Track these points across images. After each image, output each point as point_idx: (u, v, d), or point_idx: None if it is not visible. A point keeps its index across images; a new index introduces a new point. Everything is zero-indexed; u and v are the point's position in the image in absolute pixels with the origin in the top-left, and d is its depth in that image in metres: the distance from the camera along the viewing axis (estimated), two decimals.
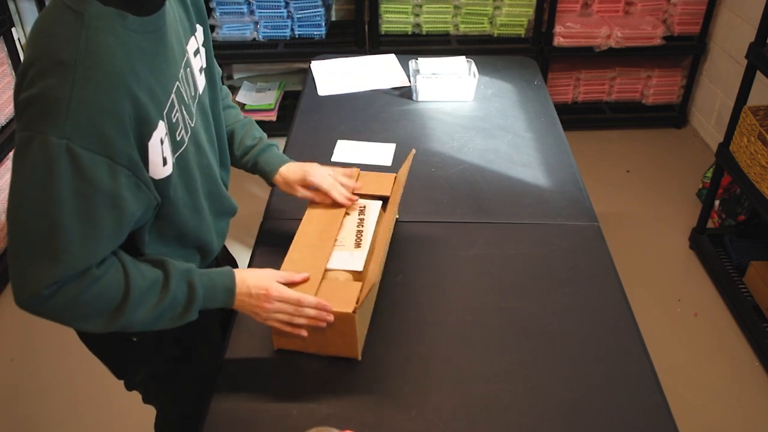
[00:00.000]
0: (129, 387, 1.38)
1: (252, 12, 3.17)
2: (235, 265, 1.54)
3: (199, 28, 1.17)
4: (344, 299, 1.12)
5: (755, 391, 2.14)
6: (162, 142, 0.98)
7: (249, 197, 2.59)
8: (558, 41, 3.20)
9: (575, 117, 3.48)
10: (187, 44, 1.11)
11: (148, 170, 0.97)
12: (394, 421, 1.08)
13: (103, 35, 0.88)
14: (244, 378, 1.16)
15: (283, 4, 3.15)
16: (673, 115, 3.54)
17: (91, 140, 0.86)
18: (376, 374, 1.16)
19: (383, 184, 1.40)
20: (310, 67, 2.23)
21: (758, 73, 2.29)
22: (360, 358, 1.18)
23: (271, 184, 1.39)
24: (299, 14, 3.20)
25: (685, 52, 3.41)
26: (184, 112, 1.06)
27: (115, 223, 0.94)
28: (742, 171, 2.33)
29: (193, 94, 1.11)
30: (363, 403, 1.11)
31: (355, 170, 1.42)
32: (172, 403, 1.43)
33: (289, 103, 3.52)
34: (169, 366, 1.32)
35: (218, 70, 1.36)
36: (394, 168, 1.69)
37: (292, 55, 3.25)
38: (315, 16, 3.21)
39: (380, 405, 1.11)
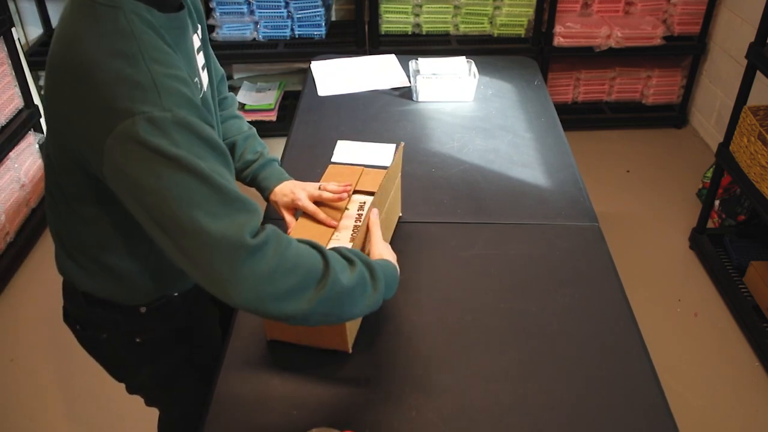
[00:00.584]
0: (131, 390, 1.38)
1: (252, 12, 3.17)
2: None
3: (199, 27, 1.18)
4: None
5: (755, 391, 2.14)
6: None
7: (249, 197, 2.57)
8: (558, 41, 3.21)
9: (575, 117, 3.48)
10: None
11: None
12: (394, 421, 1.08)
13: (142, 25, 0.90)
14: (244, 379, 1.15)
15: (283, 4, 3.15)
16: (673, 115, 3.54)
17: (187, 107, 0.87)
18: (375, 374, 1.16)
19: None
20: (310, 67, 2.23)
21: (758, 73, 2.29)
22: (350, 351, 1.18)
23: (267, 201, 1.40)
24: (299, 14, 3.20)
25: (685, 52, 3.41)
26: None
27: (234, 182, 0.93)
28: (742, 171, 2.33)
29: (199, 89, 1.12)
30: (363, 404, 1.11)
31: (349, 184, 1.39)
32: (174, 404, 1.43)
33: (289, 103, 3.52)
34: (171, 367, 1.33)
35: (221, 71, 1.37)
36: None
37: (292, 55, 3.25)
38: (315, 16, 3.21)
39: (380, 405, 1.11)
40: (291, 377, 1.15)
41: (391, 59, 2.27)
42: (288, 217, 1.35)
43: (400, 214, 1.52)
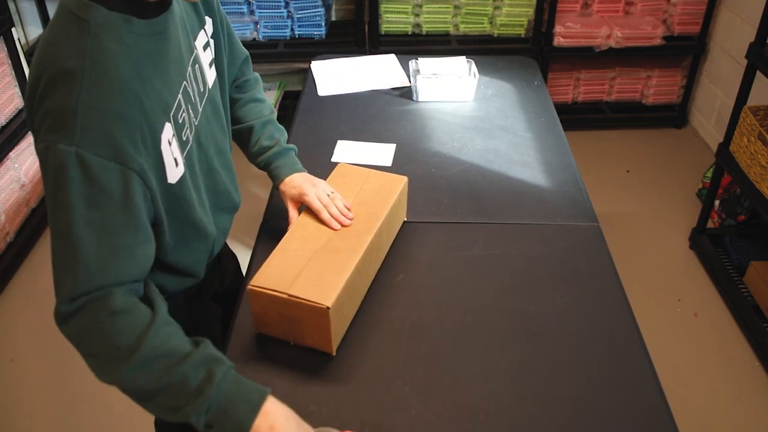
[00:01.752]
0: None
1: (252, 12, 3.18)
2: (236, 262, 1.55)
3: (209, 20, 1.16)
4: (323, 292, 1.12)
5: (755, 391, 2.14)
6: (170, 143, 0.98)
7: (249, 197, 2.59)
8: (558, 41, 3.21)
9: (575, 117, 3.48)
10: (195, 39, 1.10)
11: (166, 175, 0.97)
12: (394, 421, 1.08)
13: (107, 42, 0.88)
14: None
15: (283, 4, 3.15)
16: (673, 115, 3.54)
17: (102, 146, 0.86)
18: (376, 374, 1.16)
19: (390, 188, 1.40)
20: (310, 67, 2.23)
21: (758, 73, 2.29)
22: (334, 353, 1.18)
23: (277, 189, 1.41)
24: (299, 14, 3.20)
25: (685, 52, 3.41)
26: (190, 111, 1.06)
27: (132, 233, 0.91)
28: (742, 171, 2.33)
29: (201, 90, 1.12)
30: (363, 404, 1.11)
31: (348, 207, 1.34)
32: None
33: (289, 103, 3.52)
34: None
35: (244, 53, 1.37)
36: (393, 168, 1.69)
37: (292, 55, 3.25)
38: (315, 16, 3.21)
39: (380, 405, 1.11)
40: (290, 377, 1.15)
41: (391, 59, 2.27)
42: (292, 212, 1.35)
43: (405, 219, 1.51)
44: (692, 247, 2.72)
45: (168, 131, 0.97)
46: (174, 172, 1.00)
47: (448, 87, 2.01)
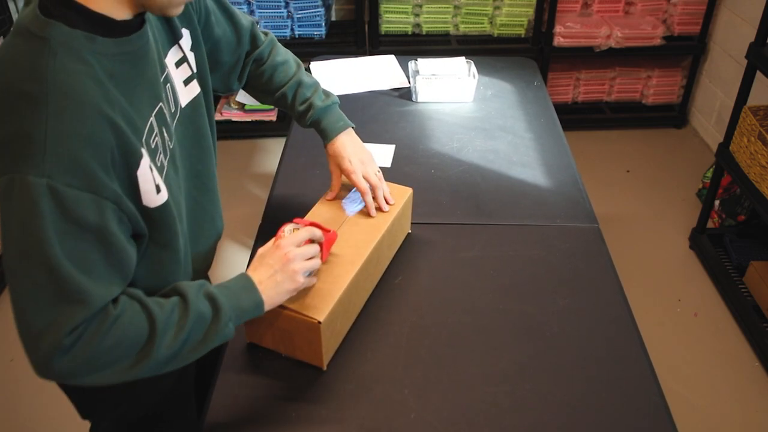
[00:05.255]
0: (93, 430, 1.31)
1: (252, 12, 3.17)
2: None
3: (185, 33, 1.08)
4: (316, 306, 1.11)
5: (755, 391, 2.14)
6: (151, 169, 0.92)
7: (248, 197, 2.58)
8: (558, 41, 3.20)
9: (575, 117, 3.48)
10: (166, 57, 1.02)
11: (141, 200, 0.91)
12: (393, 423, 1.08)
13: (69, 62, 0.81)
14: (243, 381, 1.16)
15: (283, 4, 3.15)
16: (673, 115, 3.54)
17: (74, 176, 0.80)
18: (374, 377, 1.16)
19: (394, 199, 1.38)
20: (309, 67, 2.23)
21: (758, 73, 2.29)
22: (325, 368, 1.17)
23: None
24: (299, 14, 3.20)
25: (685, 52, 3.41)
26: (165, 134, 0.99)
27: (107, 260, 0.86)
28: (742, 171, 2.33)
29: (173, 111, 1.04)
30: (362, 406, 1.11)
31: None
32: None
33: None
34: (140, 418, 1.25)
35: (246, 28, 1.28)
36: (393, 169, 1.69)
37: None
38: (315, 16, 3.21)
39: (379, 408, 1.11)
40: (290, 378, 1.15)
41: (390, 60, 2.27)
42: (335, 180, 1.37)
43: (409, 231, 1.49)
44: (692, 247, 2.72)
45: (143, 156, 0.90)
46: (154, 198, 0.93)
47: (448, 88, 2.01)
